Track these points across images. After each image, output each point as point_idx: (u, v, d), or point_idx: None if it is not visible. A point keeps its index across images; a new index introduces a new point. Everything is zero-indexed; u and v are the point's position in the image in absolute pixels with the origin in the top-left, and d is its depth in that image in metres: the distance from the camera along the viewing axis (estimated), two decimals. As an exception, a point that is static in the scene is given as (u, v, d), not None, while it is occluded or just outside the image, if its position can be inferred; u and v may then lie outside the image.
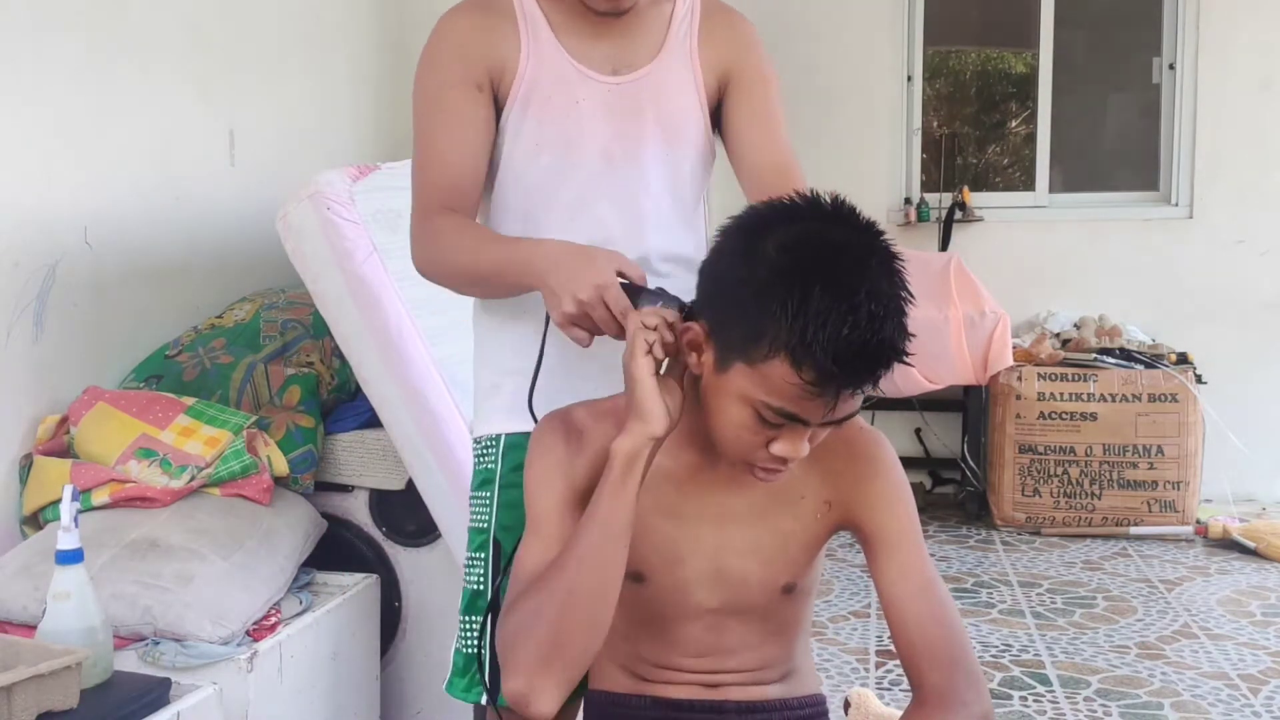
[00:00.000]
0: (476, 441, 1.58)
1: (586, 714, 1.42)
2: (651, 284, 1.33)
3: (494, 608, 1.45)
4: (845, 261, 1.12)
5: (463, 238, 1.44)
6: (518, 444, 1.48)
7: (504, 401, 1.53)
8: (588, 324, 1.29)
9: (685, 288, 1.30)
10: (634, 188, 1.50)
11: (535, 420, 1.36)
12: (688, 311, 1.24)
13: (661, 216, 1.53)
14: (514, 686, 1.18)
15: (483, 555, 1.52)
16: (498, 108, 1.49)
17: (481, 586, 1.52)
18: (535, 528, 1.29)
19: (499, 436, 1.53)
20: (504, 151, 1.50)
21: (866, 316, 1.09)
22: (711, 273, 1.21)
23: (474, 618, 1.52)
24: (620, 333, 1.26)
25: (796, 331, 1.09)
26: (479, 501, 1.55)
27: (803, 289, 1.09)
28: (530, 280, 1.35)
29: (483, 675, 1.49)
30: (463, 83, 1.46)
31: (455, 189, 1.47)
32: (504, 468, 1.52)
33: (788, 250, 1.12)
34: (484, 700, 1.49)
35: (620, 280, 1.29)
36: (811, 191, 1.19)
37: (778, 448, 1.18)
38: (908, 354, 1.14)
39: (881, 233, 1.17)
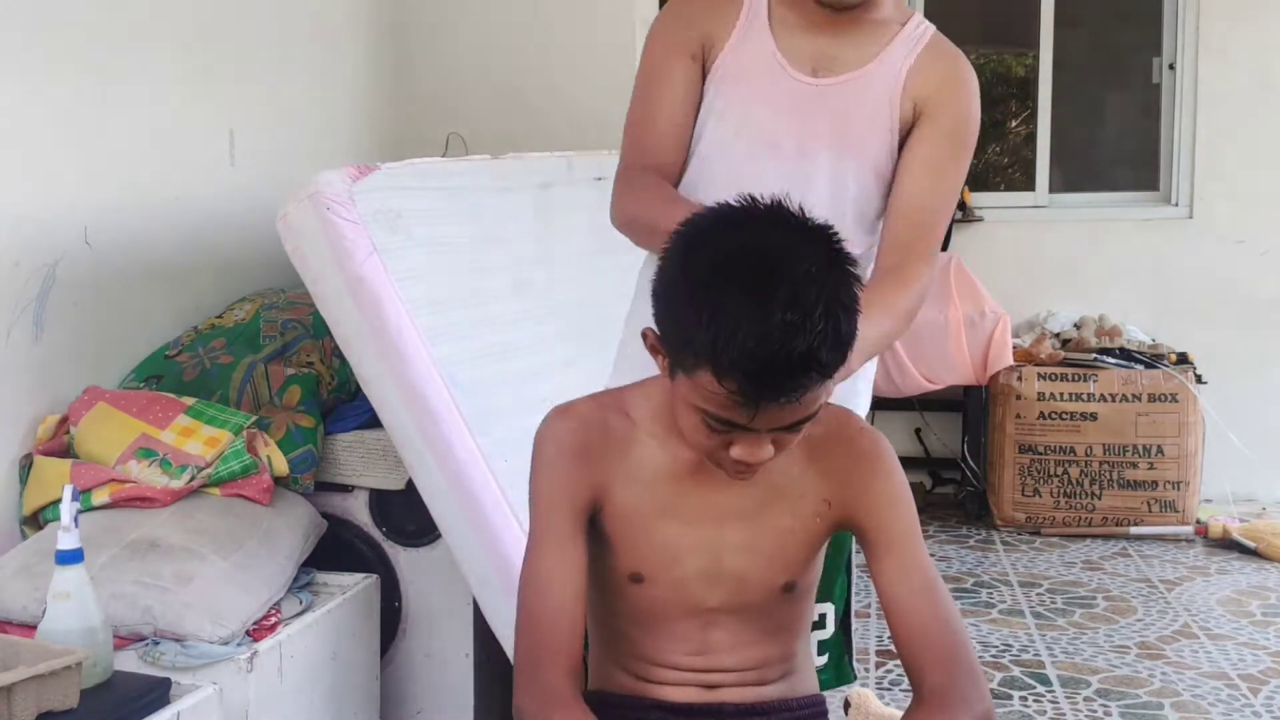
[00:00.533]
0: None
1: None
2: None
3: None
4: (764, 268, 1.08)
5: (654, 194, 1.53)
6: None
7: None
8: None
9: None
10: (796, 186, 1.41)
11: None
12: None
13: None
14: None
15: None
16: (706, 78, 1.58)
17: None
18: (542, 540, 1.30)
19: None
20: (699, 122, 1.60)
21: (780, 326, 1.05)
22: (656, 280, 1.20)
23: None
24: None
25: (710, 341, 1.07)
26: None
27: (718, 298, 1.07)
28: None
29: None
30: (681, 51, 1.57)
31: (657, 150, 1.57)
32: None
33: (713, 258, 1.11)
34: None
35: None
36: (750, 196, 1.16)
37: (735, 451, 1.17)
38: (827, 366, 1.09)
39: (829, 238, 1.14)
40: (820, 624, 1.68)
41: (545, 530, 1.30)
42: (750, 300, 1.06)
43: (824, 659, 1.69)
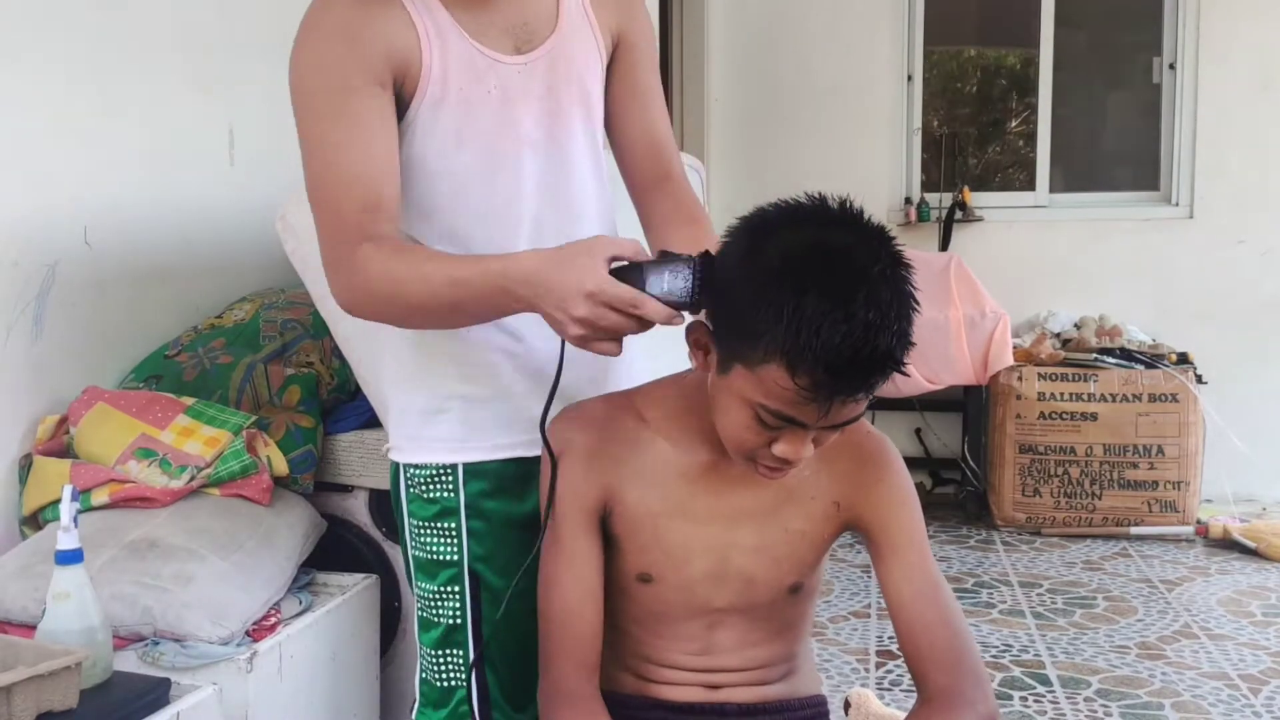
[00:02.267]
0: (417, 468, 1.44)
1: None
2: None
3: (479, 639, 1.42)
4: (844, 267, 1.10)
5: (409, 265, 1.24)
6: (480, 471, 1.41)
7: (452, 428, 1.41)
8: (604, 334, 1.17)
9: None
10: (562, 173, 1.39)
11: (548, 447, 1.30)
12: (694, 299, 1.19)
13: (589, 202, 1.44)
14: None
15: (457, 589, 1.43)
16: (400, 103, 1.31)
17: (460, 621, 1.43)
18: (556, 542, 1.31)
19: (454, 466, 1.41)
20: (415, 151, 1.32)
21: (862, 325, 1.07)
22: (716, 274, 1.20)
23: (454, 650, 1.44)
24: (642, 327, 1.17)
25: (790, 337, 1.08)
26: (435, 533, 1.43)
27: (799, 294, 1.08)
28: (512, 306, 1.21)
29: (472, 708, 1.42)
30: (366, 81, 1.26)
31: (377, 208, 1.26)
32: (468, 497, 1.41)
33: (788, 254, 1.11)
34: None
35: (618, 263, 1.17)
36: (819, 194, 1.17)
37: (779, 449, 1.18)
38: (904, 364, 1.13)
39: (890, 239, 1.15)
40: None
41: (558, 533, 1.32)
42: (832, 298, 1.07)
43: None
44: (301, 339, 2.46)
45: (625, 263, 1.18)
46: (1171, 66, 4.86)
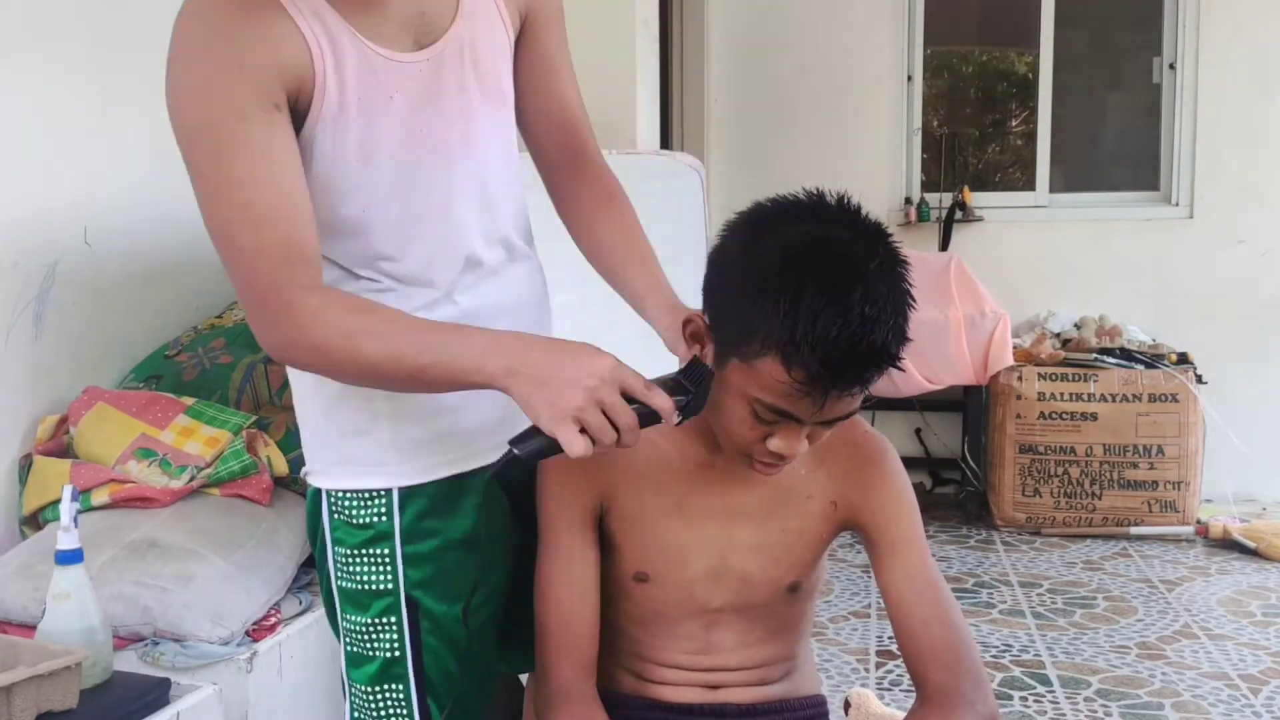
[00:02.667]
0: (344, 493, 1.31)
1: None
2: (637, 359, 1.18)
3: (419, 670, 1.32)
4: (842, 262, 1.11)
5: (364, 326, 1.12)
6: (415, 492, 1.30)
7: (381, 449, 1.29)
8: (595, 422, 1.08)
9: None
10: (480, 173, 1.29)
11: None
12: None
13: (510, 192, 1.35)
14: None
15: (393, 619, 1.31)
16: (295, 119, 1.17)
17: (399, 653, 1.32)
18: (552, 544, 1.32)
19: (389, 490, 1.30)
20: (319, 170, 1.19)
21: (859, 319, 1.08)
22: (713, 267, 1.21)
23: (393, 685, 1.33)
24: (612, 446, 1.10)
25: (787, 330, 1.08)
26: (365, 560, 1.31)
27: (796, 288, 1.08)
28: (489, 379, 1.11)
29: None
30: (258, 108, 1.12)
31: (304, 250, 1.14)
32: (404, 521, 1.30)
33: (786, 248, 1.12)
34: None
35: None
36: (818, 190, 1.17)
37: (774, 444, 1.18)
38: (900, 359, 1.13)
39: (887, 236, 1.16)
40: None
41: (553, 534, 1.32)
42: (830, 292, 1.08)
43: None
44: (301, 339, 2.46)
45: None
46: (1171, 66, 4.86)
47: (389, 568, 1.31)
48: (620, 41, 3.96)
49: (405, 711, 1.33)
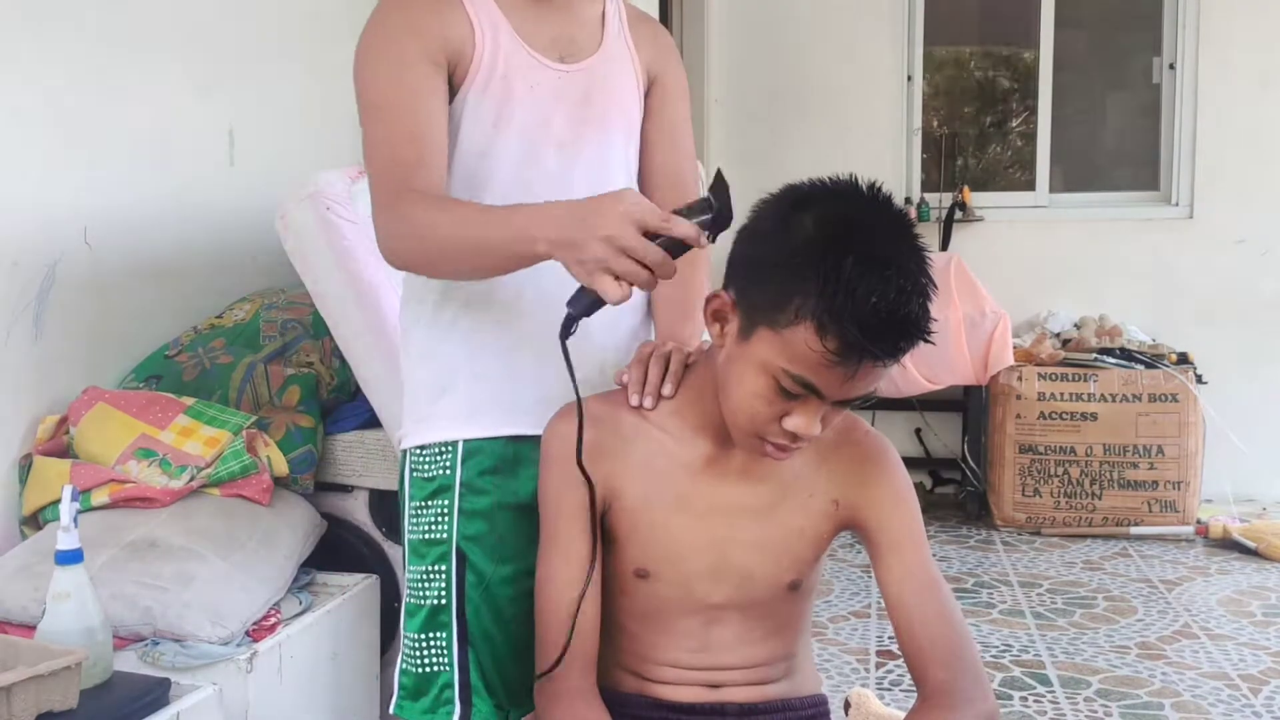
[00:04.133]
0: (421, 449, 1.46)
1: None
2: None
3: (462, 619, 1.41)
4: (879, 237, 1.15)
5: (443, 212, 1.31)
6: (479, 449, 1.42)
7: (457, 406, 1.43)
8: (624, 263, 1.16)
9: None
10: (596, 179, 1.43)
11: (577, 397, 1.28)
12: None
13: None
14: None
15: (444, 568, 1.42)
16: (452, 89, 1.41)
17: (445, 600, 1.42)
18: (554, 539, 1.32)
19: (455, 443, 1.43)
20: (462, 131, 1.42)
21: (895, 289, 1.12)
22: (745, 242, 1.24)
23: (437, 634, 1.42)
24: (651, 282, 1.18)
25: (826, 297, 1.12)
26: (430, 511, 1.44)
27: (836, 257, 1.12)
28: (533, 246, 1.22)
29: (457, 693, 1.41)
30: (421, 60, 1.37)
31: (425, 166, 1.35)
32: (465, 474, 1.42)
33: (824, 222, 1.16)
34: (456, 718, 1.41)
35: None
36: (852, 175, 1.21)
37: (790, 422, 1.19)
38: (930, 334, 1.16)
39: (914, 226, 1.20)
40: None
41: (554, 530, 1.33)
42: (871, 262, 1.12)
43: None
44: (301, 339, 2.46)
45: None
46: (1171, 66, 4.87)
47: (446, 517, 1.42)
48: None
49: (447, 660, 1.42)
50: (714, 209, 1.20)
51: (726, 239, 1.27)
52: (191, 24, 2.67)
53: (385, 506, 2.32)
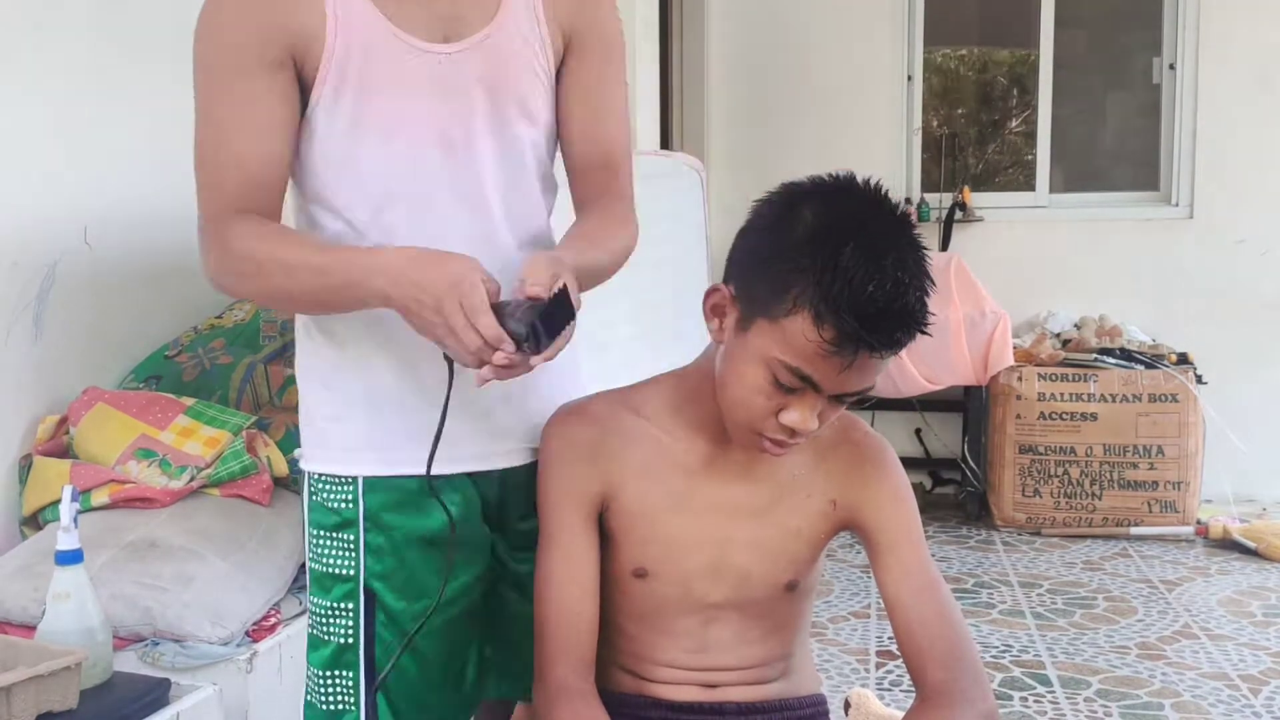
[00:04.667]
0: (318, 477, 1.35)
1: None
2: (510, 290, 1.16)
3: (370, 661, 1.33)
4: (877, 230, 1.15)
5: (275, 244, 1.21)
6: (381, 486, 1.32)
7: (352, 438, 1.32)
8: (447, 333, 1.11)
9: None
10: (477, 178, 1.30)
11: (431, 488, 1.24)
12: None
13: (512, 207, 1.34)
14: None
15: (350, 606, 1.33)
16: (304, 87, 1.25)
17: (351, 640, 1.33)
18: (553, 539, 1.33)
19: (355, 479, 1.32)
20: (318, 136, 1.26)
21: (893, 280, 1.12)
22: (744, 236, 1.24)
23: (343, 673, 1.34)
24: (474, 351, 1.11)
25: (824, 286, 1.12)
26: (334, 544, 1.34)
27: (835, 246, 1.13)
28: (367, 300, 1.16)
29: None
30: (258, 64, 1.21)
31: (255, 191, 1.23)
32: (368, 507, 1.32)
33: (823, 215, 1.17)
34: None
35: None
36: (850, 173, 1.22)
37: (787, 416, 1.19)
38: (927, 326, 1.16)
39: (911, 223, 1.21)
40: None
41: (554, 529, 1.33)
42: (869, 253, 1.12)
43: None
44: (301, 339, 2.46)
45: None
46: (1171, 66, 4.87)
47: (352, 554, 1.33)
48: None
49: (353, 700, 1.33)
50: (533, 321, 1.11)
51: (726, 235, 1.27)
52: (191, 24, 2.66)
53: (385, 506, 2.32)
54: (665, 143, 4.71)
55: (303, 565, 2.14)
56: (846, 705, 1.60)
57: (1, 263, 2.09)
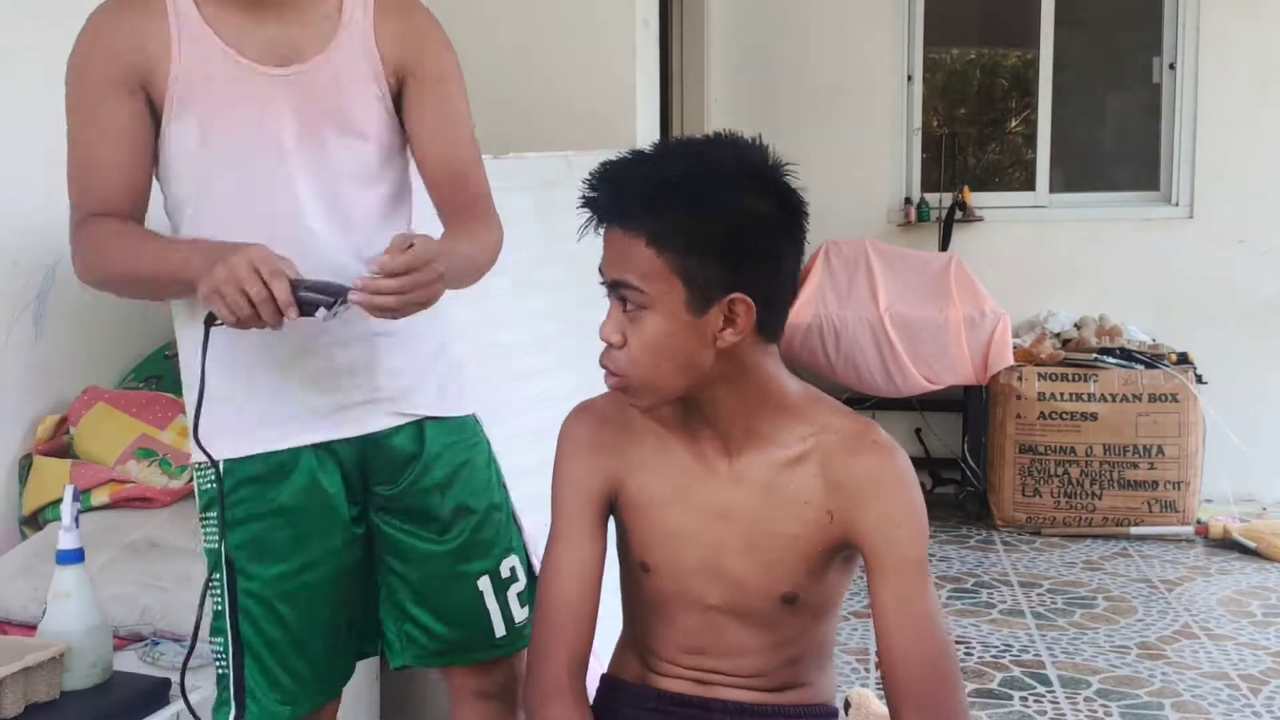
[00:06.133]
0: (195, 465, 1.53)
1: (596, 696, 1.43)
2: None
3: (235, 625, 1.49)
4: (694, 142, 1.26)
5: (119, 240, 1.41)
6: (242, 464, 1.49)
7: (212, 425, 1.44)
8: (238, 294, 1.27)
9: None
10: (312, 183, 1.46)
11: (204, 451, 1.41)
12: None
13: (357, 218, 1.50)
14: None
15: (218, 576, 1.50)
16: (157, 110, 1.44)
17: (220, 607, 1.50)
18: (560, 534, 1.34)
19: (217, 461, 1.47)
20: (170, 153, 1.46)
21: (640, 156, 1.22)
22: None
23: (217, 639, 1.52)
24: (254, 317, 1.28)
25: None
26: (207, 523, 1.52)
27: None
28: (188, 276, 1.34)
29: (232, 694, 1.50)
30: (115, 88, 1.41)
31: (114, 196, 1.43)
32: (227, 486, 1.48)
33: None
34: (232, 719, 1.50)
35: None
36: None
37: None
38: (665, 203, 1.19)
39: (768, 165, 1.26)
40: (512, 577, 1.63)
41: (561, 524, 1.35)
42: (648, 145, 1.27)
43: (526, 611, 1.62)
44: (301, 339, 2.46)
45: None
46: (1171, 66, 4.86)
47: (216, 528, 1.49)
48: (620, 41, 3.96)
49: (225, 663, 1.51)
50: (332, 295, 1.30)
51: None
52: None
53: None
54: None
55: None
56: (846, 705, 1.60)
57: (1, 262, 2.09)
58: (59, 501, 1.84)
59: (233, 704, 1.50)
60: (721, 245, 1.18)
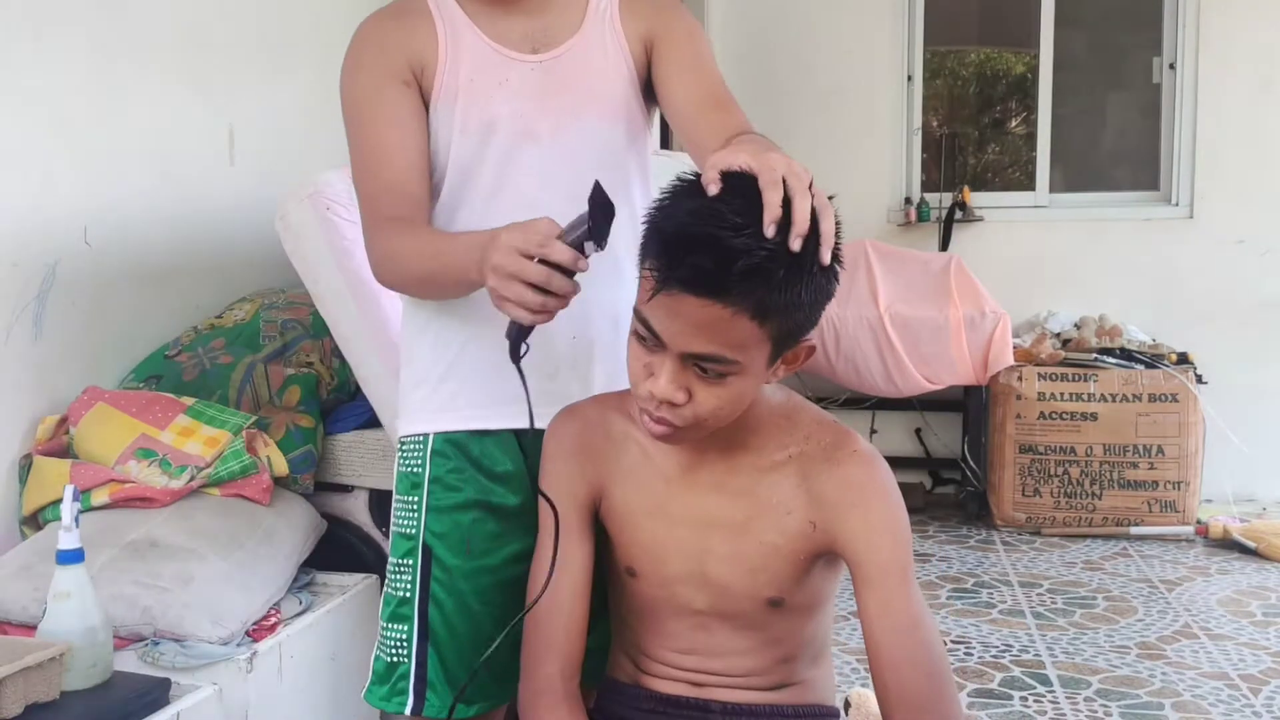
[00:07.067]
0: (401, 443, 1.54)
1: (597, 700, 1.43)
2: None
3: (424, 614, 1.46)
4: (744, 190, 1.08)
5: (411, 241, 1.41)
6: (445, 450, 1.48)
7: (426, 401, 1.50)
8: (517, 285, 1.17)
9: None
10: (562, 165, 1.47)
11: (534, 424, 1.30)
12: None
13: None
14: None
15: (410, 562, 1.48)
16: (426, 104, 1.48)
17: (409, 594, 1.48)
18: (548, 536, 1.32)
19: (426, 437, 1.50)
20: (439, 140, 1.48)
21: (708, 211, 1.06)
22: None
23: (399, 625, 1.48)
24: (546, 304, 1.16)
25: (653, 210, 1.13)
26: (406, 506, 1.51)
27: (675, 196, 1.13)
28: (469, 277, 1.28)
29: (411, 684, 1.46)
30: (391, 81, 1.46)
31: (403, 191, 1.44)
32: (434, 471, 1.48)
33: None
34: (408, 711, 1.46)
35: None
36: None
37: (648, 384, 1.16)
38: (757, 280, 1.07)
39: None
40: None
41: (548, 527, 1.33)
42: (701, 196, 1.10)
43: None
44: (301, 339, 2.46)
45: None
46: (1171, 66, 4.87)
47: (416, 513, 1.48)
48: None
49: (406, 652, 1.47)
50: (586, 223, 1.15)
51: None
52: (191, 25, 2.67)
53: (385, 506, 2.31)
54: (665, 143, 4.71)
55: (303, 565, 2.15)
56: (846, 705, 1.60)
57: (1, 263, 2.09)
58: (59, 501, 1.84)
59: (410, 694, 1.46)
60: (814, 302, 1.13)
